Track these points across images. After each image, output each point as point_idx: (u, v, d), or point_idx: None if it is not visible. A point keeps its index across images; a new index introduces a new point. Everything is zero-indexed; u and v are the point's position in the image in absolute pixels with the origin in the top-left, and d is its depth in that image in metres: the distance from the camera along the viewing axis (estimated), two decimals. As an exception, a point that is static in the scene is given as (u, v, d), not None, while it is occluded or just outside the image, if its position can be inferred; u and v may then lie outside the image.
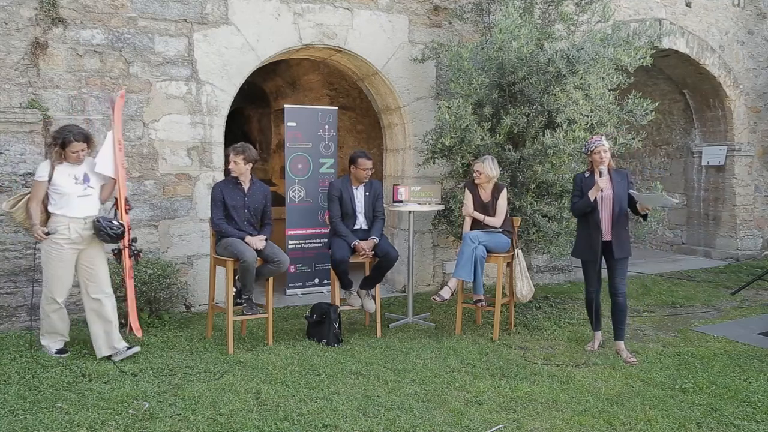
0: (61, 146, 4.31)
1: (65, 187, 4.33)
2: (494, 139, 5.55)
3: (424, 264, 7.01)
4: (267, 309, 4.98)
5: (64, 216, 4.33)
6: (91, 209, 4.45)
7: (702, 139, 9.80)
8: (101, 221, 4.36)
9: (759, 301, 6.78)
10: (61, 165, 4.35)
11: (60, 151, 4.32)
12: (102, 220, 4.37)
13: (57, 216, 4.34)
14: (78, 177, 4.40)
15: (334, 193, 5.37)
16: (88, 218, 4.40)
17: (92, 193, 4.46)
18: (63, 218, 4.33)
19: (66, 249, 4.35)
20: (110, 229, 4.35)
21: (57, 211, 4.35)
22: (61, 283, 4.39)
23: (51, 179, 4.32)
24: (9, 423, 3.38)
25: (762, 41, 9.46)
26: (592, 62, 5.36)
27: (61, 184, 4.33)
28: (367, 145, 10.68)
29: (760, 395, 3.97)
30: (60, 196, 4.33)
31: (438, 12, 6.90)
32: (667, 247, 10.48)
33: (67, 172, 4.37)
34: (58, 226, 4.31)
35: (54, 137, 4.36)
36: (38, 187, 4.35)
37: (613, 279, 4.76)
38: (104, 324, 4.48)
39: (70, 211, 4.35)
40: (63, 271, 4.38)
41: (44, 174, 4.33)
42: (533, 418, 3.61)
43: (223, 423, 3.44)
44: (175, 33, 5.75)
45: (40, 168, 4.40)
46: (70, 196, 4.34)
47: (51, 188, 4.33)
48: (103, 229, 4.34)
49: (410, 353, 4.77)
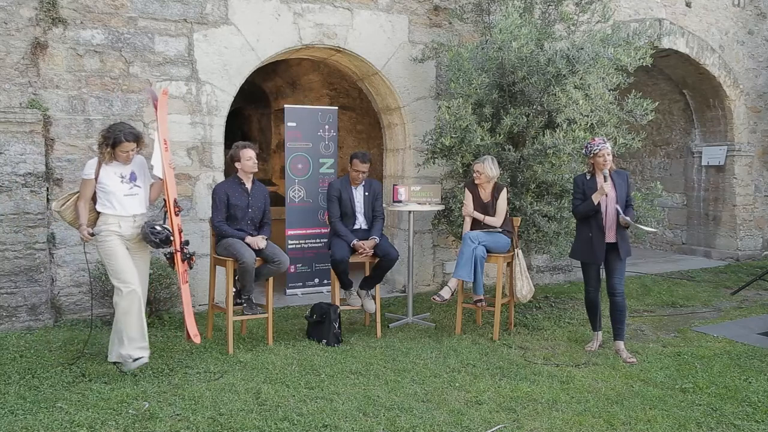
0: (112, 146, 4.18)
1: (110, 186, 4.23)
2: (494, 139, 5.55)
3: (424, 264, 7.01)
4: (267, 309, 4.98)
5: (112, 215, 4.25)
6: (139, 207, 4.34)
7: (702, 139, 9.80)
8: (145, 226, 4.24)
9: (759, 301, 6.78)
10: (110, 164, 4.25)
11: (110, 151, 4.19)
12: (146, 225, 4.25)
13: (105, 215, 4.25)
14: (124, 176, 4.29)
15: (334, 193, 5.37)
16: (137, 216, 4.32)
17: (139, 192, 4.35)
18: (112, 217, 4.25)
19: (117, 240, 4.23)
20: (152, 235, 4.21)
21: (105, 210, 4.26)
22: (127, 265, 4.21)
23: (97, 177, 4.22)
24: (9, 423, 3.38)
25: (762, 41, 9.46)
26: (592, 62, 5.36)
27: (106, 182, 4.23)
28: (367, 145, 10.69)
29: (760, 395, 3.97)
30: (105, 194, 4.24)
31: (438, 12, 6.90)
32: (667, 247, 10.48)
33: (114, 171, 4.26)
34: (108, 224, 4.22)
35: (104, 137, 4.21)
36: (86, 185, 4.25)
37: (612, 279, 4.76)
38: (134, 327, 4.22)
39: (117, 209, 4.25)
40: (123, 255, 4.22)
41: (91, 172, 4.23)
42: (533, 418, 3.61)
43: (223, 423, 3.44)
44: (175, 33, 5.75)
45: (87, 166, 4.30)
46: (116, 194, 4.24)
47: (97, 186, 4.24)
48: (146, 234, 4.22)
49: (410, 353, 4.77)
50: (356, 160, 5.38)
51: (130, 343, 4.15)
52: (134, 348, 4.16)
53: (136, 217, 4.31)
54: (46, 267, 5.28)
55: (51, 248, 5.39)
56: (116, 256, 4.21)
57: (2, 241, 5.11)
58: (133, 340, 4.16)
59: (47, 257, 5.33)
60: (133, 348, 4.15)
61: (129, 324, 4.15)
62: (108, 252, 4.22)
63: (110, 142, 4.18)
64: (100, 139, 4.25)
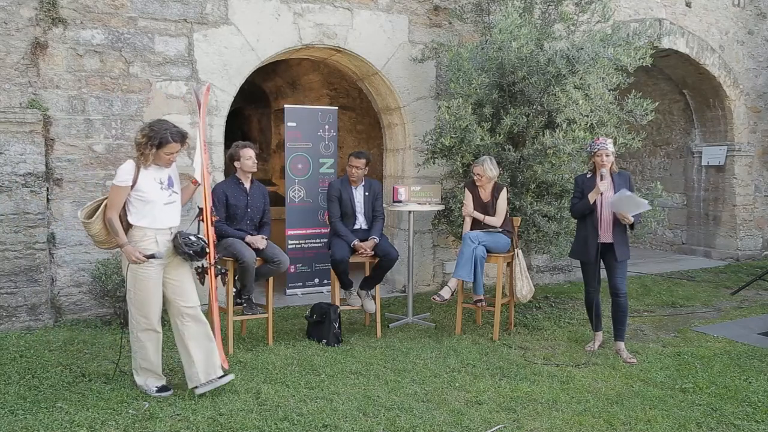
0: (157, 147, 3.66)
1: (150, 194, 3.68)
2: (494, 139, 5.55)
3: (424, 264, 7.01)
4: (267, 309, 4.98)
5: (149, 228, 3.71)
6: (176, 218, 3.85)
7: (702, 139, 9.80)
8: (177, 236, 3.76)
9: (759, 301, 6.78)
10: (148, 168, 3.72)
11: (155, 152, 3.67)
12: (179, 234, 3.77)
13: (140, 228, 3.70)
14: (163, 181, 3.76)
15: (334, 193, 5.37)
16: (173, 228, 3.83)
17: (176, 199, 3.85)
18: (149, 231, 3.71)
19: (154, 265, 3.73)
20: (185, 246, 3.74)
21: (140, 222, 3.69)
22: (154, 302, 3.79)
23: (134, 184, 3.67)
24: (9, 423, 3.38)
25: (762, 41, 9.46)
26: (592, 62, 5.36)
27: (145, 189, 3.67)
28: (367, 145, 10.69)
29: (760, 395, 3.97)
30: (143, 203, 3.68)
31: (438, 12, 6.90)
32: (667, 247, 10.48)
33: (153, 176, 3.72)
34: (144, 240, 3.70)
35: (148, 136, 3.65)
36: (119, 193, 3.65)
37: (614, 279, 4.76)
38: (204, 344, 3.88)
39: (155, 221, 3.71)
40: (155, 289, 3.77)
41: (128, 178, 3.64)
42: (533, 418, 3.61)
43: (223, 423, 3.44)
44: (175, 33, 5.75)
45: (122, 170, 3.68)
46: (156, 203, 3.70)
47: (133, 194, 3.66)
48: (178, 246, 3.74)
49: (410, 353, 4.77)
50: (351, 157, 5.43)
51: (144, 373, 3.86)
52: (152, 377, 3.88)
53: (172, 230, 3.82)
54: (46, 267, 5.29)
55: (51, 248, 5.39)
56: (145, 291, 3.74)
57: (2, 241, 5.10)
58: (147, 371, 3.86)
59: (47, 257, 5.33)
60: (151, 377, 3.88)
61: (144, 356, 3.83)
62: (139, 284, 3.73)
63: (155, 143, 3.65)
64: (142, 138, 3.67)
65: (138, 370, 3.89)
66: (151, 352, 3.84)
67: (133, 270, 3.70)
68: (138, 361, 3.87)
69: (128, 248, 3.65)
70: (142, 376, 3.88)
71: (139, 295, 3.76)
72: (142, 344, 3.83)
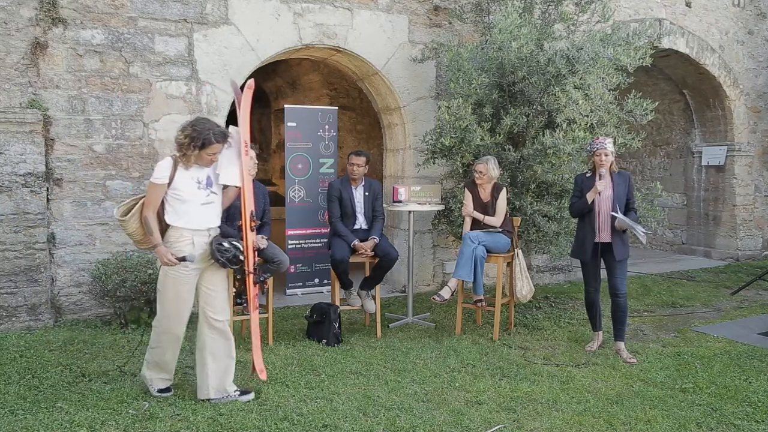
0: (200, 147, 3.54)
1: (186, 193, 3.58)
2: (494, 139, 5.55)
3: (424, 264, 7.01)
4: (267, 309, 4.99)
5: (186, 228, 3.60)
6: (215, 219, 3.73)
7: (702, 139, 9.80)
8: (212, 241, 3.64)
9: (759, 301, 6.78)
10: (188, 167, 3.61)
11: (197, 153, 3.56)
12: (214, 239, 3.66)
13: (177, 228, 3.59)
14: (201, 180, 3.64)
15: (334, 193, 5.38)
16: (212, 230, 3.71)
17: (215, 200, 3.72)
18: (186, 231, 3.59)
19: (189, 269, 3.61)
20: (218, 252, 3.61)
21: (177, 222, 3.59)
22: (183, 308, 3.66)
23: (171, 182, 3.57)
24: (9, 423, 3.38)
25: (762, 41, 9.46)
26: (592, 62, 5.36)
27: (182, 188, 3.57)
28: (367, 145, 10.68)
29: (760, 395, 3.97)
30: (180, 203, 3.58)
31: (438, 12, 6.90)
32: (667, 247, 10.48)
33: (190, 175, 3.61)
34: (181, 241, 3.59)
35: (191, 136, 3.53)
36: (156, 191, 3.56)
37: (614, 279, 4.76)
38: (224, 360, 3.78)
39: (191, 222, 3.60)
40: (186, 295, 3.65)
41: (165, 176, 3.55)
42: (533, 418, 3.61)
43: (223, 423, 3.44)
44: (175, 33, 5.75)
45: (159, 168, 3.59)
46: (192, 203, 3.60)
47: (170, 193, 3.57)
48: (212, 252, 3.62)
49: (410, 353, 4.77)
50: (352, 155, 5.44)
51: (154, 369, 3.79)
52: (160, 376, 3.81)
53: (210, 231, 3.71)
54: (46, 267, 5.29)
55: (51, 248, 5.39)
56: (179, 298, 3.61)
57: (2, 241, 5.11)
58: (159, 368, 3.78)
59: (47, 257, 5.33)
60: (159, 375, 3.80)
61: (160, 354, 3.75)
62: (170, 286, 3.61)
63: (198, 144, 3.53)
64: (184, 138, 3.55)
65: (149, 362, 3.80)
66: (168, 355, 3.76)
67: (165, 270, 3.61)
68: (152, 355, 3.78)
69: (160, 249, 3.55)
70: (151, 371, 3.80)
71: (168, 296, 3.64)
72: (161, 344, 3.73)
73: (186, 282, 3.64)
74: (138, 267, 5.17)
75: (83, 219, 5.49)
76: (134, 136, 5.65)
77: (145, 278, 5.14)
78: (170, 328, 3.69)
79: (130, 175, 5.62)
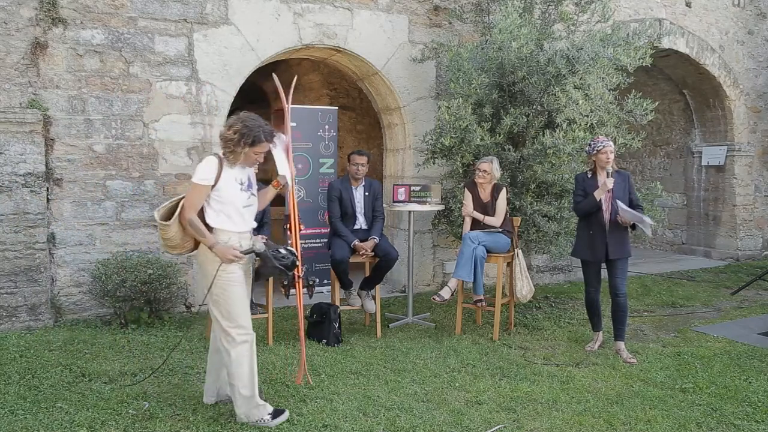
0: (250, 145, 3.37)
1: (230, 195, 3.38)
2: (494, 139, 5.55)
3: (424, 264, 7.01)
4: (267, 309, 4.99)
5: (233, 231, 3.41)
6: (253, 221, 3.57)
7: (702, 139, 9.80)
8: (266, 249, 3.46)
9: (759, 301, 6.78)
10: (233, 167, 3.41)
11: (246, 150, 3.37)
12: (267, 247, 3.47)
13: (224, 231, 3.38)
14: (243, 182, 3.46)
15: (334, 193, 5.38)
16: (250, 233, 3.57)
17: (254, 202, 3.56)
18: (233, 234, 3.41)
19: (238, 269, 3.42)
20: (275, 260, 3.44)
21: (223, 225, 3.39)
22: (246, 306, 3.45)
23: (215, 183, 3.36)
24: (9, 423, 3.38)
25: (762, 41, 9.46)
26: (592, 62, 5.36)
27: (226, 189, 3.37)
28: (367, 145, 10.68)
29: (760, 395, 3.97)
30: (223, 204, 3.38)
31: (438, 12, 6.90)
32: (667, 247, 10.48)
33: (234, 176, 3.41)
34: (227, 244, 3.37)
35: (242, 133, 3.33)
36: (200, 192, 3.33)
37: (614, 279, 4.76)
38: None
39: (237, 224, 3.42)
40: (244, 292, 3.45)
41: (211, 177, 3.33)
42: (533, 418, 3.61)
43: (223, 423, 3.44)
44: (175, 33, 5.75)
45: (204, 168, 3.35)
46: (234, 205, 3.40)
47: (213, 194, 3.37)
48: (266, 259, 3.44)
49: (410, 353, 4.77)
50: (353, 155, 5.44)
51: (246, 403, 3.41)
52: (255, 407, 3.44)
53: (251, 235, 3.57)
54: (46, 267, 5.29)
55: (51, 248, 5.39)
56: (236, 295, 3.38)
57: (2, 241, 5.10)
58: (248, 398, 3.41)
59: (47, 257, 5.33)
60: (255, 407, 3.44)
61: (240, 376, 3.38)
62: (229, 289, 3.37)
63: (249, 141, 3.34)
64: (234, 135, 3.34)
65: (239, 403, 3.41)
66: (246, 367, 3.39)
67: (221, 278, 3.34)
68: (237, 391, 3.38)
69: (220, 248, 3.31)
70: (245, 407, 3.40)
71: (229, 302, 3.37)
72: (239, 364, 3.36)
73: (242, 281, 3.44)
74: (138, 267, 5.17)
75: (83, 219, 5.49)
76: (134, 136, 5.65)
77: (145, 278, 5.15)
78: (243, 333, 3.40)
79: (130, 175, 5.62)
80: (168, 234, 3.36)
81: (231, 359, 3.37)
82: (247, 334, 3.40)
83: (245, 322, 3.41)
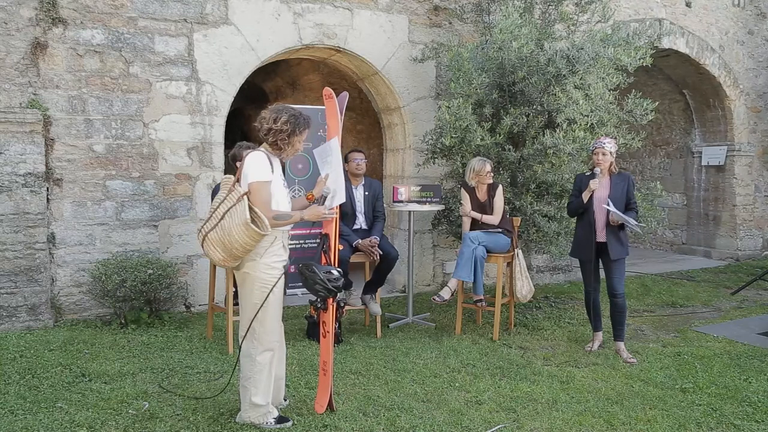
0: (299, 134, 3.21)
1: (277, 191, 3.22)
2: (494, 139, 5.55)
3: (424, 264, 7.01)
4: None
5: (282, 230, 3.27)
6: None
7: (702, 139, 9.80)
8: (317, 272, 3.24)
9: (759, 301, 6.78)
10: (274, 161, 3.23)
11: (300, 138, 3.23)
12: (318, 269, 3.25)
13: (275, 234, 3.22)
14: (284, 178, 3.35)
15: (334, 193, 5.37)
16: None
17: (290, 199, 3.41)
18: (278, 234, 3.25)
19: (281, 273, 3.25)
20: (328, 282, 3.23)
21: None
22: (279, 323, 3.34)
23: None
24: (9, 423, 3.38)
25: (762, 41, 9.46)
26: (592, 62, 5.36)
27: (275, 185, 3.21)
28: (367, 145, 10.69)
29: (760, 395, 3.97)
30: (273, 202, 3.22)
31: (438, 12, 6.90)
32: (667, 247, 10.48)
33: (278, 172, 3.25)
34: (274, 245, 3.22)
35: (292, 122, 3.17)
36: (266, 189, 3.14)
37: (611, 280, 4.76)
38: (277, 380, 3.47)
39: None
40: (279, 300, 3.31)
41: (269, 172, 3.14)
42: (533, 418, 3.61)
43: (223, 423, 3.43)
44: (175, 33, 5.75)
45: (258, 165, 3.14)
46: (280, 204, 3.24)
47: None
48: (320, 282, 3.23)
49: (410, 353, 4.77)
50: (351, 153, 5.48)
51: (255, 410, 3.34)
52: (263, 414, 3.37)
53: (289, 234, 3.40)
54: (46, 267, 5.28)
55: (51, 248, 5.39)
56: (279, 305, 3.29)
57: (2, 241, 5.10)
58: (259, 407, 3.34)
59: (47, 257, 5.33)
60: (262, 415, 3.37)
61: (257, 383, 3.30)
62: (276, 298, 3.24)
63: (301, 130, 3.19)
64: (285, 125, 3.17)
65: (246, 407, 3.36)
66: (265, 375, 3.31)
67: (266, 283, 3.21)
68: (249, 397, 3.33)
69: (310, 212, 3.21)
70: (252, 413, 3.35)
71: (270, 308, 3.26)
72: (260, 369, 3.29)
73: (282, 289, 3.31)
74: (138, 267, 5.17)
75: (83, 219, 5.49)
76: (134, 136, 5.65)
77: (144, 278, 5.15)
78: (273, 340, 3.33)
79: (130, 175, 5.63)
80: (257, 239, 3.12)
81: (254, 363, 3.30)
82: (275, 342, 3.33)
83: (281, 329, 3.39)
